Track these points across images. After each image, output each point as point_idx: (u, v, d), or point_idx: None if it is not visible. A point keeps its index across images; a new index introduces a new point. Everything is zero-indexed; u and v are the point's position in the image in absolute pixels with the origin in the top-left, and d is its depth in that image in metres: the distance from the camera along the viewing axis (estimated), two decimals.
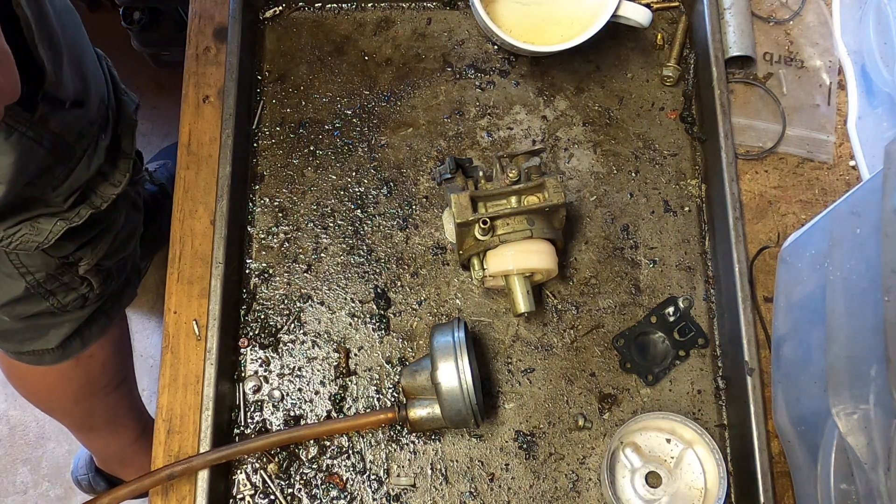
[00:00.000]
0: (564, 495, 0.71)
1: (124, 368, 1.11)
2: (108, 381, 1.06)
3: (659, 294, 0.77)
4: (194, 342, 0.73)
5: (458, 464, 0.72)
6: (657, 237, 0.79)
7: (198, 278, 0.75)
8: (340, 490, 0.71)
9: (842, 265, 0.60)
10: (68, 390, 1.04)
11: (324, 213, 0.79)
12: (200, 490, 0.68)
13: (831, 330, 0.60)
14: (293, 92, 0.83)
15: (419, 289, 0.77)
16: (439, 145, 0.81)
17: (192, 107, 0.81)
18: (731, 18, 0.82)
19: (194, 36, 0.83)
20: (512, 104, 0.83)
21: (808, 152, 0.81)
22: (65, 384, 1.02)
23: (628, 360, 0.74)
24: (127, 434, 1.21)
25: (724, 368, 0.74)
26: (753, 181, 0.80)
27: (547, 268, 0.70)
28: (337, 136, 0.82)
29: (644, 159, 0.81)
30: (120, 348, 1.07)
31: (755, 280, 0.76)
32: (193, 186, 0.78)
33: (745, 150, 0.81)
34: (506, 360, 0.75)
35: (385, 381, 0.74)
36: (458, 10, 0.86)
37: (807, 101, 0.83)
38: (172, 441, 0.71)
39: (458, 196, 0.68)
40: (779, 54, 0.85)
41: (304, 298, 0.76)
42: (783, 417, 0.69)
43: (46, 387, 1.03)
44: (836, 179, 0.81)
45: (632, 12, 0.78)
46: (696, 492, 0.70)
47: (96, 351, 0.98)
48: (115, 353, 1.05)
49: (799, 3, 0.87)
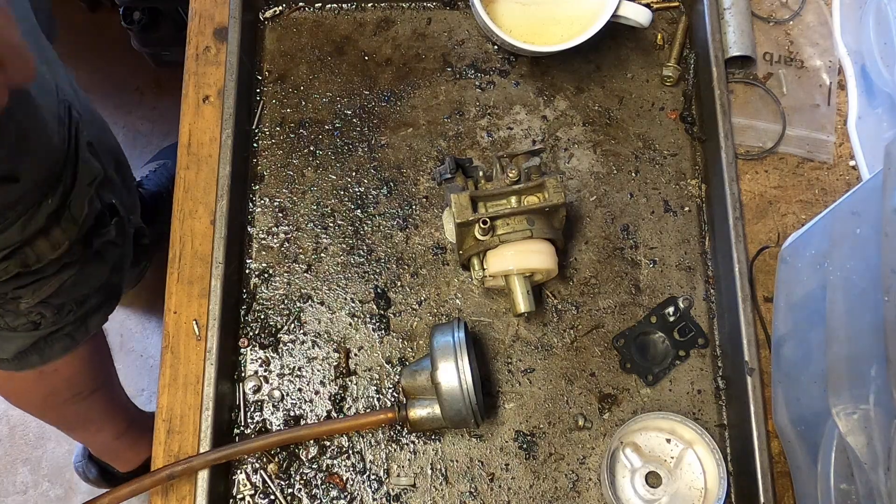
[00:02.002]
0: (564, 495, 0.71)
1: (97, 380, 1.08)
2: (77, 392, 1.04)
3: (659, 294, 0.77)
4: (194, 342, 0.73)
5: (458, 464, 0.72)
6: (657, 237, 0.79)
7: (198, 278, 0.75)
8: (340, 490, 0.71)
9: (842, 265, 0.60)
10: (33, 397, 1.02)
11: (324, 213, 0.79)
12: (200, 490, 0.68)
13: (831, 330, 0.60)
14: (293, 92, 0.83)
15: (419, 289, 0.77)
16: (439, 145, 0.81)
17: (192, 107, 0.81)
18: (731, 18, 0.82)
19: (194, 36, 0.83)
20: (512, 104, 0.83)
21: (808, 152, 0.81)
22: (29, 390, 1.00)
23: (628, 360, 0.74)
24: (110, 430, 1.20)
25: (724, 368, 0.74)
26: (753, 181, 0.80)
27: (547, 268, 0.70)
28: (337, 136, 0.82)
29: (644, 159, 0.81)
30: (91, 365, 1.03)
31: (755, 280, 0.76)
32: (193, 186, 0.78)
33: (745, 150, 0.81)
34: (506, 360, 0.75)
35: (385, 381, 0.74)
36: (458, 10, 0.86)
37: (807, 101, 0.83)
38: (172, 441, 0.71)
39: (458, 196, 0.68)
40: (779, 54, 0.85)
41: (304, 298, 0.76)
42: (783, 417, 0.69)
43: (13, 390, 1.01)
44: (836, 179, 0.81)
45: (632, 12, 0.78)
46: (696, 492, 0.70)
47: (61, 367, 0.95)
48: (84, 369, 1.02)
49: (799, 3, 0.87)
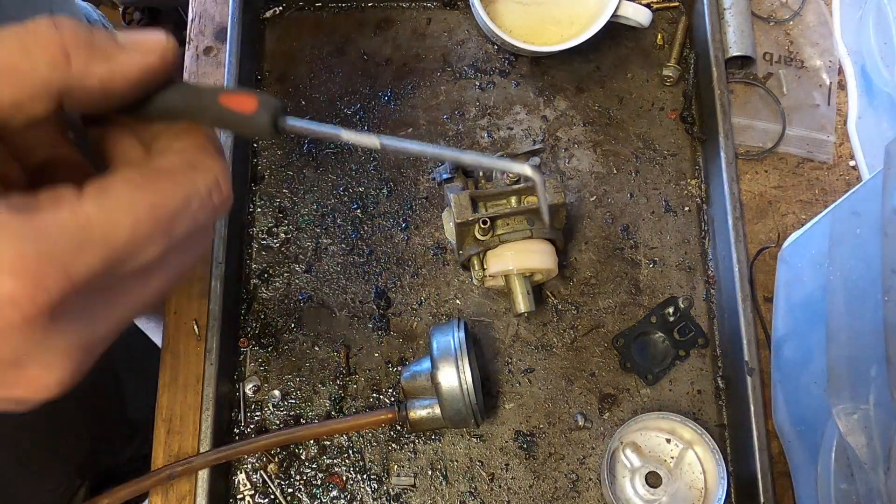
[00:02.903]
0: (564, 495, 0.71)
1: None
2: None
3: (659, 294, 0.77)
4: (194, 342, 0.73)
5: (458, 464, 0.72)
6: (657, 237, 0.79)
7: (198, 278, 0.75)
8: (340, 490, 0.71)
9: (842, 265, 0.60)
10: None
11: (324, 213, 0.79)
12: (200, 490, 0.68)
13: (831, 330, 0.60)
14: (293, 92, 0.83)
15: (419, 289, 0.77)
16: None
17: None
18: (731, 18, 0.82)
19: (194, 36, 0.83)
20: (512, 104, 0.83)
21: (808, 152, 0.81)
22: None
23: (628, 360, 0.74)
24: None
25: (724, 368, 0.74)
26: (753, 181, 0.80)
27: (547, 268, 0.70)
28: None
29: (644, 159, 0.81)
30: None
31: (755, 280, 0.76)
32: None
33: (745, 150, 0.81)
34: (506, 360, 0.75)
35: (385, 381, 0.74)
36: (458, 10, 0.86)
37: (807, 101, 0.83)
38: (172, 441, 0.71)
39: (458, 196, 0.68)
40: (779, 54, 0.85)
41: (305, 298, 0.76)
42: (783, 417, 0.69)
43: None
44: (836, 179, 0.81)
45: (632, 12, 0.78)
46: (696, 492, 0.70)
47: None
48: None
49: (799, 3, 0.87)
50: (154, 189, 0.33)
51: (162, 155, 0.36)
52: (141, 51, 0.34)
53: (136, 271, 0.34)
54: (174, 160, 0.36)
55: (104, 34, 0.34)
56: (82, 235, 0.31)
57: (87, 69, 0.32)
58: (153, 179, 0.34)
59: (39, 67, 0.31)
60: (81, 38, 0.32)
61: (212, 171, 0.36)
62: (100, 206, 0.32)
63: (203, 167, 0.36)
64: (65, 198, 0.31)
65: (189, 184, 0.35)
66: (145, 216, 0.32)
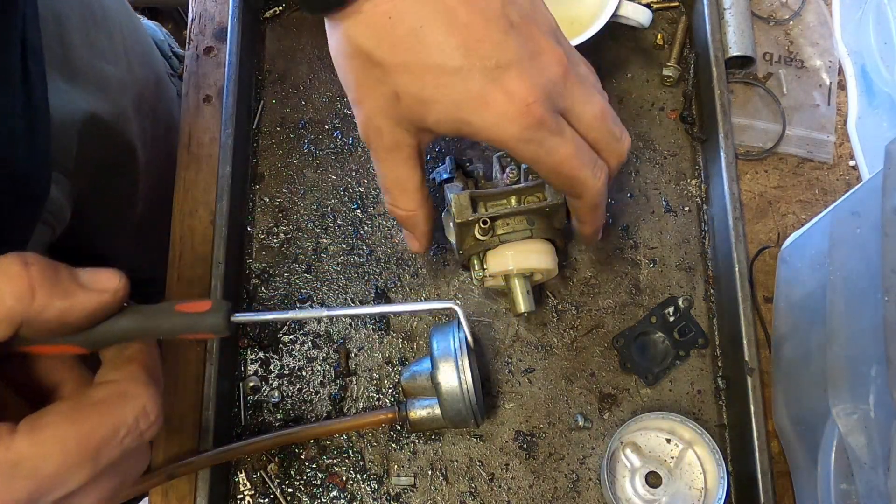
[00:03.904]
0: (564, 495, 0.71)
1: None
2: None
3: (659, 294, 0.77)
4: (194, 342, 0.73)
5: (458, 464, 0.72)
6: (657, 237, 0.79)
7: (198, 278, 0.75)
8: (340, 490, 0.71)
9: (842, 265, 0.60)
10: None
11: (324, 213, 0.79)
12: (200, 490, 0.68)
13: (831, 330, 0.60)
14: (293, 92, 0.83)
15: (419, 289, 0.77)
16: (439, 145, 0.81)
17: (192, 107, 0.81)
18: (731, 18, 0.82)
19: (194, 36, 0.83)
20: None
21: (808, 152, 0.81)
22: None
23: (628, 360, 0.74)
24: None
25: (724, 368, 0.74)
26: (753, 181, 0.80)
27: (547, 268, 0.70)
28: (337, 136, 0.82)
29: (644, 159, 0.81)
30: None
31: (755, 280, 0.76)
32: (193, 186, 0.78)
33: (745, 150, 0.81)
34: (506, 360, 0.75)
35: (385, 381, 0.74)
36: None
37: (807, 101, 0.83)
38: (172, 441, 0.71)
39: (458, 196, 0.68)
40: (779, 54, 0.85)
41: (305, 298, 0.76)
42: (783, 417, 0.69)
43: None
44: (836, 179, 0.81)
45: (632, 12, 0.78)
46: (696, 492, 0.70)
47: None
48: None
49: (799, 3, 0.87)
50: (83, 421, 0.37)
51: (96, 387, 0.41)
52: (97, 289, 0.39)
53: (65, 497, 0.37)
54: (107, 391, 0.40)
55: (67, 273, 0.38)
56: (13, 471, 0.35)
57: (49, 303, 0.36)
58: (84, 412, 0.38)
59: (6, 300, 0.35)
60: (47, 277, 0.36)
61: (140, 398, 0.41)
62: (32, 440, 0.35)
63: (133, 395, 0.40)
64: (0, 435, 0.35)
65: (118, 414, 0.39)
66: (74, 447, 0.36)
